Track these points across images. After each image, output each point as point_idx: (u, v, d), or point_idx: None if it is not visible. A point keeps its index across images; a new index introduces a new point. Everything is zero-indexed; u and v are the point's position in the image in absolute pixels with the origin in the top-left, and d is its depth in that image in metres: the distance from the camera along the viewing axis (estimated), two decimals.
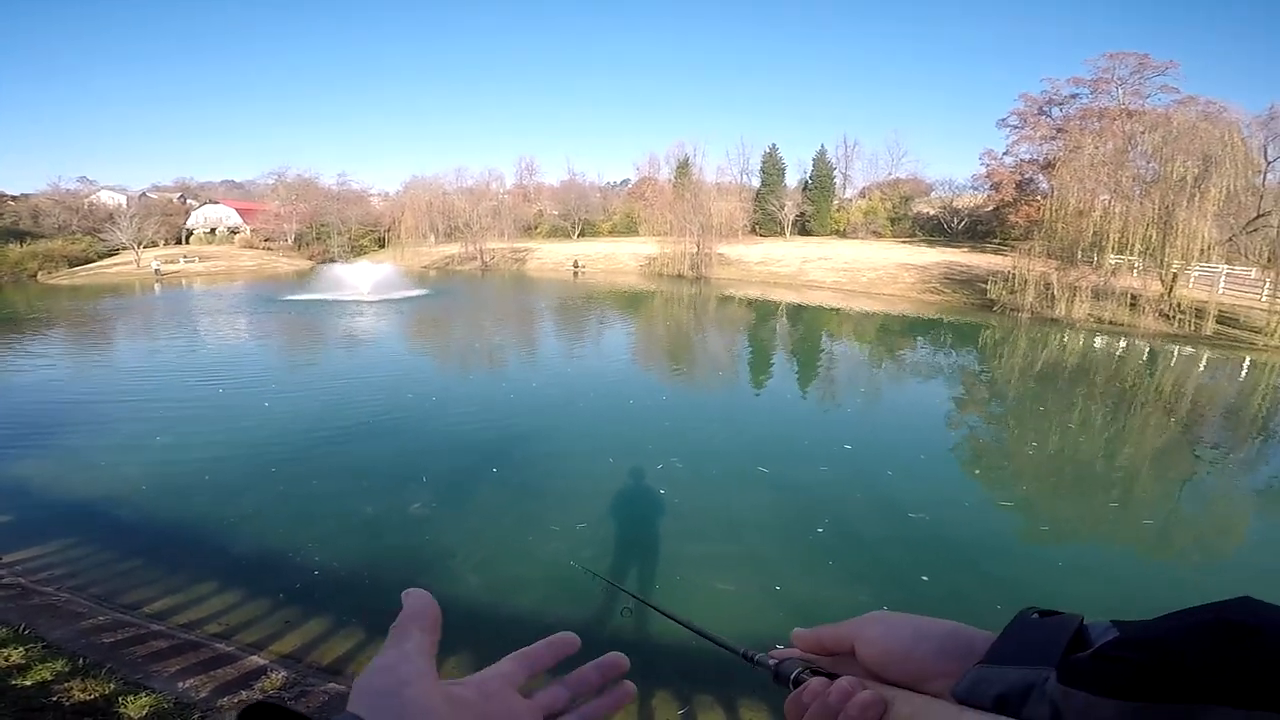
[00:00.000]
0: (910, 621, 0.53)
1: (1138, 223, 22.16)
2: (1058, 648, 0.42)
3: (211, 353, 18.47)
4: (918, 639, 0.51)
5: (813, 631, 0.57)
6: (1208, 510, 8.67)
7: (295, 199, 58.87)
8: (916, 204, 57.25)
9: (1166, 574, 6.84)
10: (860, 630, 0.53)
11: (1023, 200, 44.31)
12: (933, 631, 0.51)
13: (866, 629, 0.53)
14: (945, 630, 0.51)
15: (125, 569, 6.14)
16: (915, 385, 15.76)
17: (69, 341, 20.75)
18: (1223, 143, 20.99)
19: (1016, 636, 0.46)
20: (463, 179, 59.45)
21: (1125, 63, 40.06)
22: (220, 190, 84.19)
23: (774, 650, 0.57)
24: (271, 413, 11.75)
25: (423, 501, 7.77)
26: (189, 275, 45.39)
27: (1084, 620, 0.45)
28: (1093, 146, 25.77)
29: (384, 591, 5.75)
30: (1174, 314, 22.17)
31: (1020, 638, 0.46)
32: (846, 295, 32.75)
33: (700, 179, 55.35)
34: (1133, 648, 0.39)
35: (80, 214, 53.88)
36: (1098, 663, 0.40)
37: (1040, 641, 0.44)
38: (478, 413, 11.95)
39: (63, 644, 4.10)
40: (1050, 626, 0.45)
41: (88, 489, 8.09)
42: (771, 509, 7.76)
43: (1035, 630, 0.46)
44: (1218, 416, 13.27)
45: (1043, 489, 9.28)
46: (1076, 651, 0.42)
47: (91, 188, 62.88)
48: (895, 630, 0.52)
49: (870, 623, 0.54)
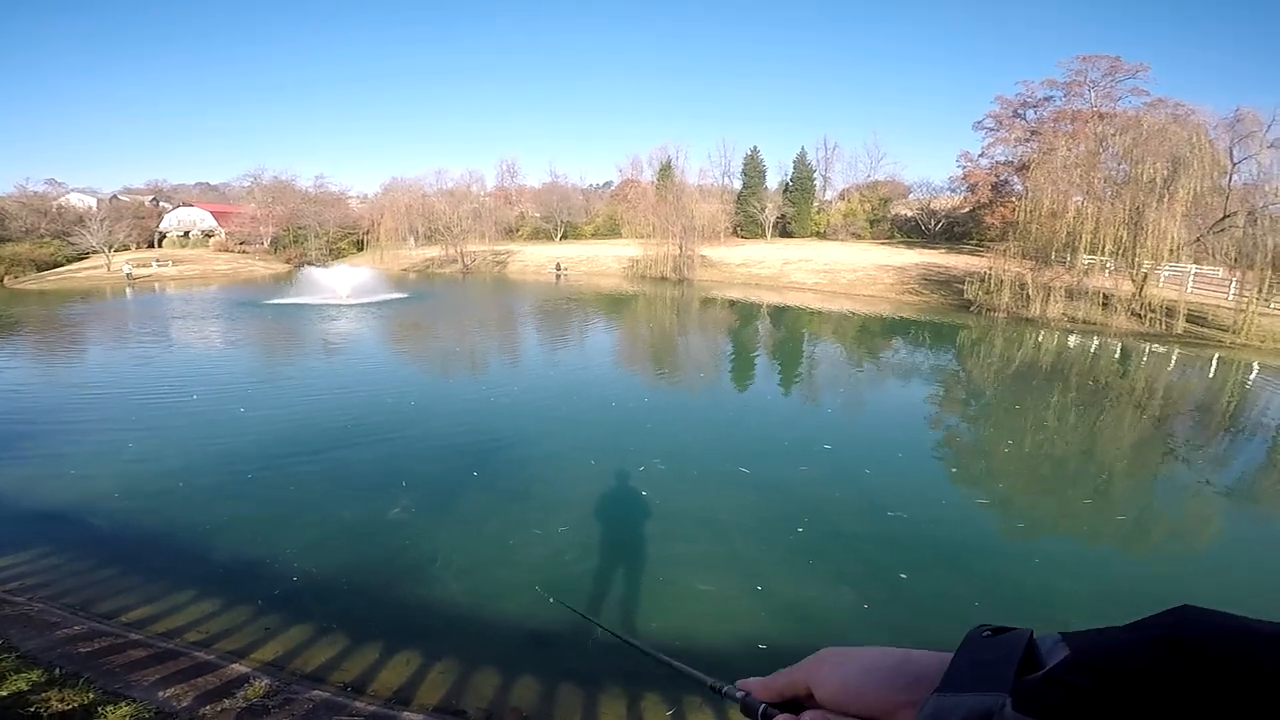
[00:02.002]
0: (857, 656, 0.53)
1: (1109, 223, 22.62)
2: (1011, 669, 0.43)
3: (184, 359, 18.15)
4: (866, 674, 0.51)
5: (765, 681, 0.57)
6: (1179, 506, 8.85)
7: (271, 201, 58.02)
8: (895, 206, 57.87)
9: (1140, 569, 6.98)
10: (811, 673, 0.54)
11: (998, 202, 44.94)
12: (881, 664, 0.52)
13: (818, 671, 0.54)
14: (893, 661, 0.52)
15: (100, 578, 6.01)
16: (894, 385, 15.94)
17: (37, 347, 20.27)
18: (1190, 145, 21.48)
19: (969, 659, 0.47)
20: (443, 181, 59.06)
21: (1097, 65, 40.75)
22: (194, 193, 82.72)
23: (741, 681, 0.57)
24: (246, 419, 11.57)
25: (402, 507, 7.71)
26: (162, 279, 44.59)
27: (1033, 635, 0.46)
28: (1066, 149, 26.28)
29: (365, 597, 5.71)
30: (1145, 313, 22.63)
31: (973, 660, 0.46)
32: (827, 296, 33.03)
33: (683, 181, 55.48)
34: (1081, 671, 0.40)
35: (49, 217, 52.78)
36: (1049, 687, 0.41)
37: (993, 663, 0.45)
38: (458, 417, 11.88)
39: (38, 654, 4.01)
40: (1001, 646, 0.46)
41: (58, 497, 7.92)
42: (753, 509, 7.80)
43: (987, 651, 0.47)
44: (1188, 413, 13.56)
45: (1019, 487, 9.43)
46: (1028, 671, 0.43)
47: (60, 190, 61.63)
48: (843, 669, 0.53)
49: (819, 664, 0.54)
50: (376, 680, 4.47)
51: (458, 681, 4.48)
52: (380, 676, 4.52)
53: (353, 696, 4.08)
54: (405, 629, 5.19)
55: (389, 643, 4.93)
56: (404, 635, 5.07)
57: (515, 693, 4.38)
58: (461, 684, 4.47)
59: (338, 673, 4.56)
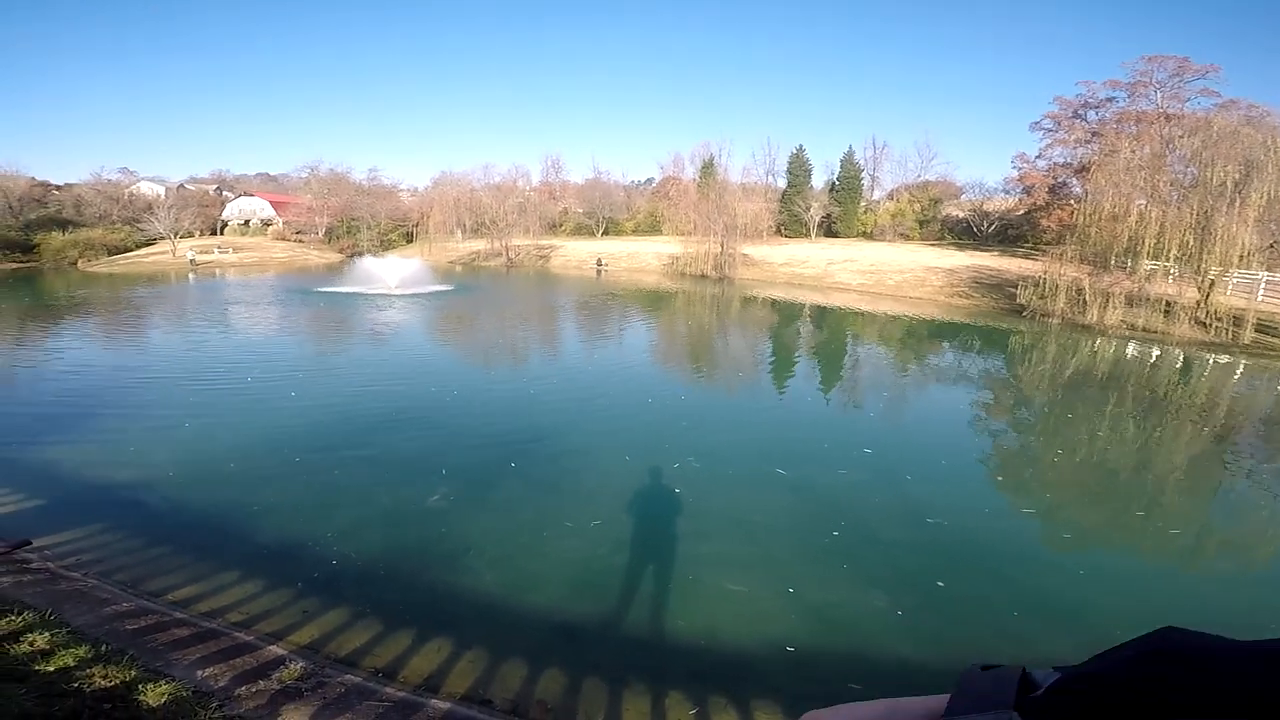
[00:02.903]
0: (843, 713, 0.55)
1: (1175, 228, 21.59)
2: (1011, 691, 0.46)
3: (241, 342, 18.91)
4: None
5: None
6: (1238, 523, 8.41)
7: (327, 193, 59.92)
8: (945, 206, 56.33)
9: (1192, 586, 6.70)
10: None
11: (1055, 204, 43.39)
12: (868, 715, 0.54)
13: None
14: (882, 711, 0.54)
15: (151, 556, 6.26)
16: (940, 390, 15.52)
17: (104, 327, 21.39)
18: (1265, 147, 20.37)
19: (970, 690, 0.49)
20: (490, 176, 60.09)
21: (1164, 66, 39.00)
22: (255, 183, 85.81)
23: None
24: (297, 403, 11.96)
25: (441, 494, 7.86)
26: (222, 265, 46.47)
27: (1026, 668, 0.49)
28: (1129, 150, 25.17)
29: (400, 583, 5.84)
30: (1210, 321, 21.56)
31: (973, 690, 0.49)
32: (872, 298, 32.37)
33: (725, 179, 55.07)
34: (1080, 681, 0.44)
35: (120, 204, 55.51)
36: (1053, 697, 0.44)
37: (992, 691, 0.47)
38: (499, 408, 12.05)
39: (86, 630, 4.18)
40: (998, 676, 0.49)
41: (117, 474, 8.29)
42: (787, 511, 7.71)
43: (985, 682, 0.49)
44: (1253, 427, 12.86)
45: (1067, 497, 9.10)
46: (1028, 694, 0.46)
47: (132, 179, 64.48)
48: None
49: None
50: (407, 667, 4.56)
51: (486, 671, 4.54)
52: (411, 663, 4.60)
53: (383, 682, 4.17)
54: (437, 616, 5.29)
55: (421, 629, 5.03)
56: (436, 622, 5.17)
57: (542, 685, 4.42)
58: (490, 674, 4.53)
59: (370, 657, 4.65)
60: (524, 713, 3.99)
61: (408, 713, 3.61)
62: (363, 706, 3.60)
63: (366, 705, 3.62)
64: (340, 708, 3.57)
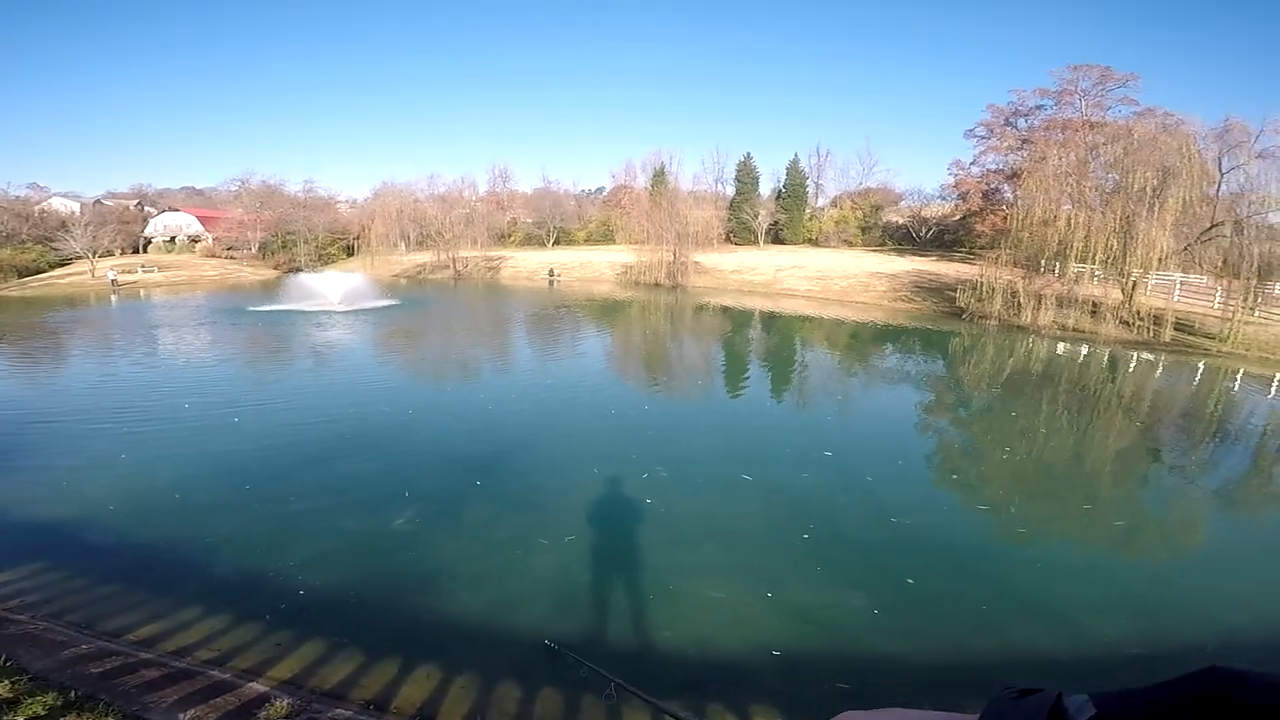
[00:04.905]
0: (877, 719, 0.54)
1: (1100, 232, 22.81)
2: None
3: (175, 367, 17.92)
4: None
5: None
6: (1169, 511, 9.00)
7: (260, 206, 57.33)
8: (886, 213, 58.26)
9: (1140, 572, 7.10)
10: None
11: (989, 210, 45.23)
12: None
13: None
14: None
15: (102, 594, 5.87)
16: (890, 392, 16.02)
17: (20, 356, 19.87)
18: (1180, 154, 21.72)
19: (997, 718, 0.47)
20: (435, 186, 59.02)
21: (1088, 74, 40.85)
22: (180, 198, 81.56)
23: None
24: (241, 429, 11.43)
25: (406, 518, 7.65)
26: (148, 285, 43.93)
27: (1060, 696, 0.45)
28: (1057, 157, 26.49)
29: (377, 611, 5.64)
30: (1134, 321, 22.90)
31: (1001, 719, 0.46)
32: (820, 303, 33.20)
33: (676, 187, 55.64)
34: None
35: (30, 222, 51.63)
36: None
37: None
38: (457, 426, 11.81)
39: (48, 675, 3.90)
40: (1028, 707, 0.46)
41: (52, 511, 7.76)
42: (757, 516, 7.83)
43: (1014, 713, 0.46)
44: (1176, 420, 13.72)
45: (1017, 492, 9.52)
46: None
47: (43, 194, 60.53)
48: None
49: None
50: (399, 696, 4.41)
51: (480, 696, 4.42)
52: (402, 693, 4.45)
53: (376, 715, 4.01)
54: (420, 643, 5.14)
55: (406, 657, 4.87)
56: (420, 649, 5.02)
57: (539, 706, 4.34)
58: (484, 699, 4.41)
59: (358, 690, 4.48)
60: None
61: None
62: None
63: None
64: None
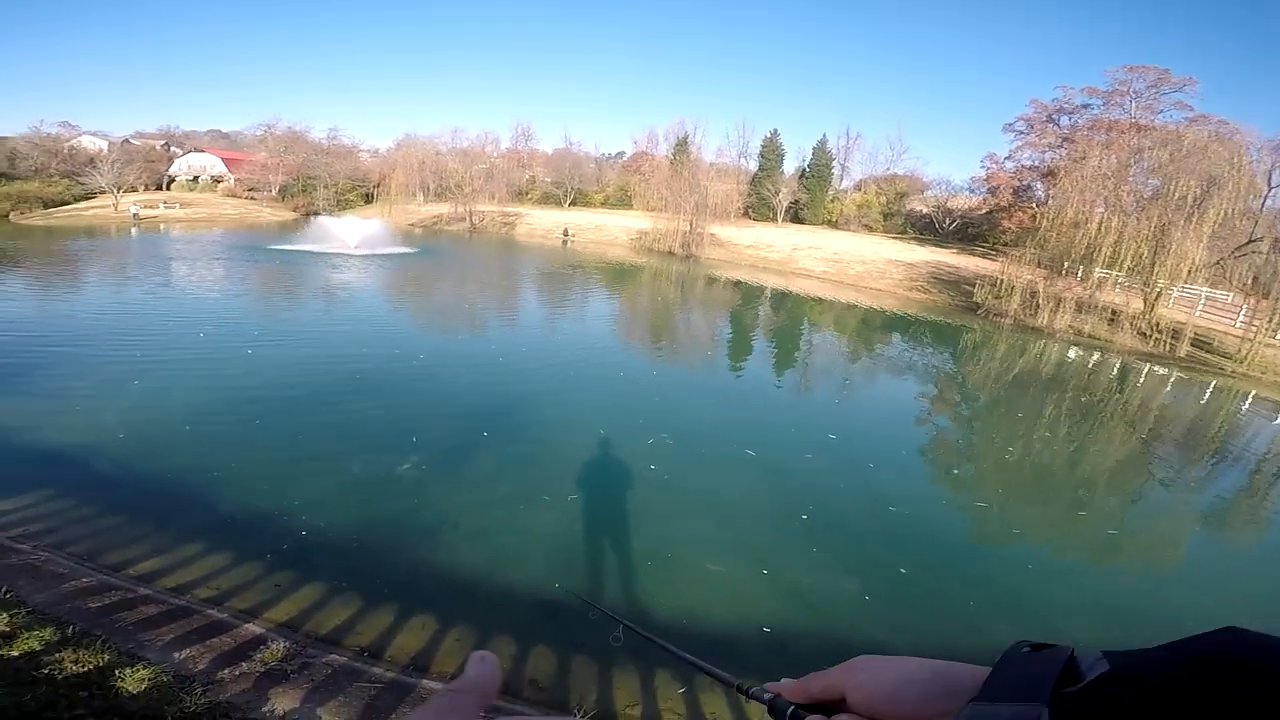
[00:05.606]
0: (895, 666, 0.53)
1: (1131, 239, 22.25)
2: (1049, 681, 0.42)
3: (191, 298, 18.04)
4: (902, 684, 0.51)
5: (800, 683, 0.57)
6: (1161, 526, 8.97)
7: (283, 151, 57.87)
8: (910, 201, 57.34)
9: (1121, 581, 7.11)
10: (847, 678, 0.54)
11: (1017, 206, 44.35)
12: (917, 675, 0.51)
13: (853, 676, 0.54)
14: (930, 672, 0.51)
15: (106, 526, 5.88)
16: (896, 381, 15.92)
17: (40, 280, 20.00)
18: (1230, 164, 20.93)
19: (1008, 672, 0.46)
20: (458, 140, 58.61)
21: (1144, 76, 39.28)
22: (206, 140, 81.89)
23: (770, 684, 0.57)
24: (255, 362, 11.52)
25: (412, 463, 7.70)
26: (168, 220, 44.19)
27: (1074, 651, 0.45)
28: (1098, 158, 25.70)
29: (377, 557, 5.70)
30: (1151, 333, 22.51)
31: (1012, 673, 0.46)
32: (834, 286, 32.89)
33: (699, 158, 54.90)
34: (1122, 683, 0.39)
35: (60, 158, 52.26)
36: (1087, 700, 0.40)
37: (1031, 676, 0.44)
38: (467, 375, 11.86)
39: (47, 609, 3.93)
40: (1041, 660, 0.45)
41: (63, 437, 7.77)
42: (758, 493, 7.86)
43: (1026, 665, 0.46)
44: (1176, 437, 13.54)
45: (1015, 493, 9.51)
46: (1068, 685, 0.42)
47: (74, 132, 60.59)
48: (880, 676, 0.52)
49: (855, 670, 0.54)
50: (393, 645, 4.47)
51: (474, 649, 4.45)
52: (397, 641, 4.51)
53: (370, 662, 4.06)
54: (419, 593, 5.20)
55: (403, 606, 4.94)
56: (418, 599, 5.08)
57: (531, 664, 4.40)
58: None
59: (353, 636, 4.53)
60: (517, 693, 3.96)
61: (401, 694, 3.53)
62: (353, 689, 3.50)
63: (356, 687, 3.52)
64: (330, 690, 3.46)
